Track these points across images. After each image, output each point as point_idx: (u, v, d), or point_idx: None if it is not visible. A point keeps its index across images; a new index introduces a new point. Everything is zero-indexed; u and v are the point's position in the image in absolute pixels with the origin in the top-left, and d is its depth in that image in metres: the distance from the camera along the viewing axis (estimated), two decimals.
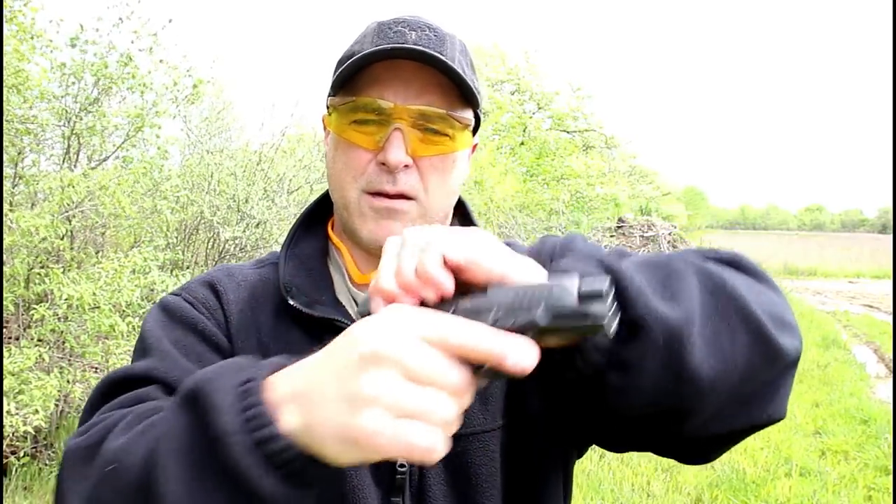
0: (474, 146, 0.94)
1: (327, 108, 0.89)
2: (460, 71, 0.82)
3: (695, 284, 0.62)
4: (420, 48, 0.80)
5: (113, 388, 0.77)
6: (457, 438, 0.58)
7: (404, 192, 0.84)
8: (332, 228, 0.95)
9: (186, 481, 0.54)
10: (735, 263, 0.70)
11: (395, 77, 0.82)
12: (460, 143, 0.86)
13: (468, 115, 0.87)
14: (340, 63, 0.87)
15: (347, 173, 0.85)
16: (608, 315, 0.50)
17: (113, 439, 0.62)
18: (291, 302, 0.85)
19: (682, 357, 0.58)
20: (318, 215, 0.98)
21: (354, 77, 0.83)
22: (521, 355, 0.49)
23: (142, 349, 0.84)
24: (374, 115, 0.82)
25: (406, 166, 0.83)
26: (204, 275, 0.93)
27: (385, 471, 0.80)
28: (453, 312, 0.54)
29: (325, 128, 0.93)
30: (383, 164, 0.82)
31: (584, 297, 0.50)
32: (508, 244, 0.84)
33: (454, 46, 0.86)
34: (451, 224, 0.97)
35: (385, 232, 0.82)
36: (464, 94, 0.85)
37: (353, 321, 0.76)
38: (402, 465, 0.80)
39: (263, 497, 0.52)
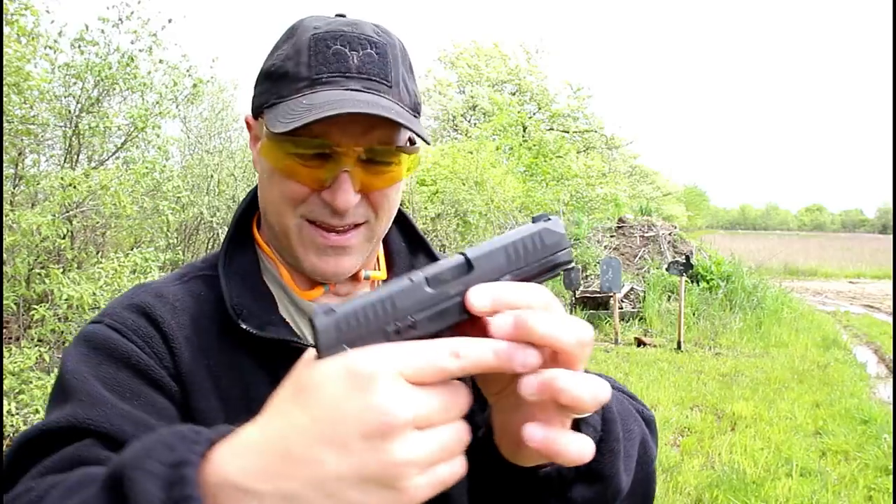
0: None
1: (254, 115, 0.86)
2: (405, 106, 0.80)
3: (636, 452, 0.73)
4: (366, 79, 0.78)
5: (28, 451, 0.67)
6: None
7: (354, 222, 0.82)
8: (261, 239, 0.91)
9: None
10: (650, 425, 0.82)
11: (339, 116, 0.76)
12: (406, 166, 0.84)
13: (409, 137, 0.84)
14: (272, 79, 0.81)
15: (286, 203, 0.81)
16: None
17: None
18: (244, 326, 0.80)
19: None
20: (244, 223, 0.92)
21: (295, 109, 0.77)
22: (523, 357, 0.49)
23: (62, 392, 0.73)
24: (317, 151, 0.78)
25: None
26: (125, 297, 0.84)
27: None
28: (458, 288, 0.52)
29: (249, 129, 0.88)
30: (327, 202, 0.79)
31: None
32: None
33: (396, 61, 0.82)
34: (389, 234, 0.96)
35: (330, 267, 0.82)
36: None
37: (302, 340, 0.82)
38: None
39: None
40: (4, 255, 4.15)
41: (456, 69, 21.79)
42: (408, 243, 0.99)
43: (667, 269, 10.07)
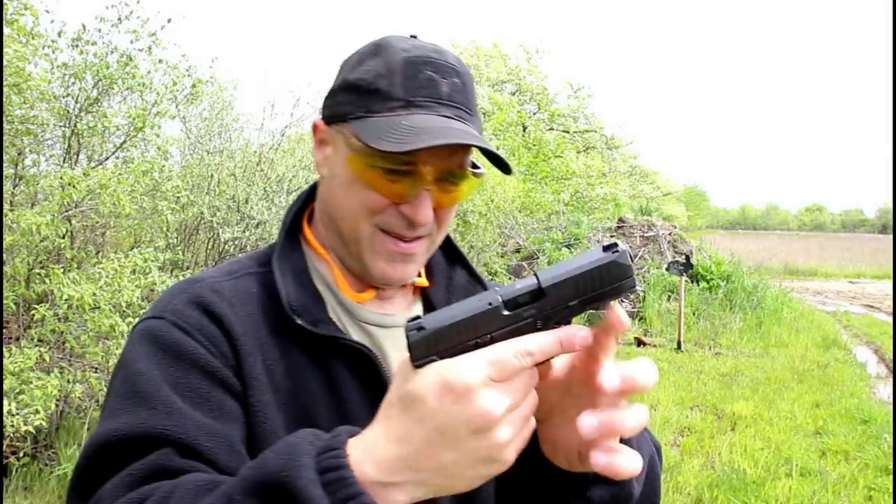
0: None
1: (327, 120, 0.89)
2: (485, 140, 0.85)
3: (646, 468, 0.87)
4: (456, 107, 0.84)
5: (108, 454, 0.70)
6: None
7: (422, 234, 0.87)
8: (313, 239, 0.94)
9: None
10: (658, 448, 1.00)
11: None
12: (469, 186, 0.90)
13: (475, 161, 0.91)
14: (361, 92, 0.84)
15: (363, 211, 0.84)
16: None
17: None
18: (299, 321, 0.83)
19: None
20: (295, 223, 0.96)
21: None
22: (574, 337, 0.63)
23: (133, 395, 0.74)
24: (403, 168, 0.82)
25: None
26: (180, 291, 0.85)
27: None
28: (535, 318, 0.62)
29: (315, 133, 0.91)
30: (406, 215, 0.84)
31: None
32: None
33: (473, 90, 0.88)
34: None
35: (397, 273, 0.87)
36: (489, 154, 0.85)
37: (348, 337, 0.86)
38: None
39: None
40: (4, 255, 4.15)
41: None
42: (446, 255, 1.05)
43: (667, 269, 10.06)
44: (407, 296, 0.97)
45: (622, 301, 10.74)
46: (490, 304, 0.61)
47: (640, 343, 9.30)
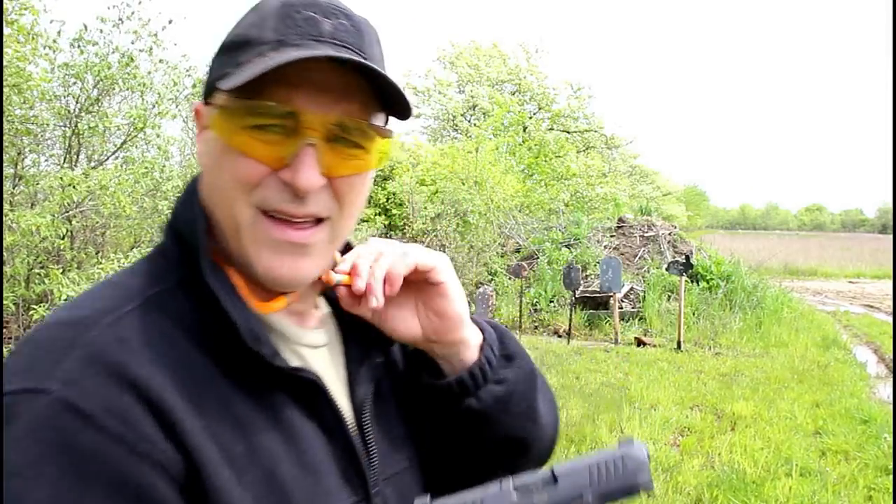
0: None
1: (206, 99, 0.71)
2: (387, 74, 0.69)
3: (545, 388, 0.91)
4: (339, 45, 0.67)
5: None
6: (375, 485, 0.73)
7: (316, 213, 0.69)
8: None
9: None
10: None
11: (308, 79, 0.66)
12: (377, 156, 0.73)
13: (382, 122, 0.74)
14: (232, 49, 0.69)
15: (238, 188, 0.67)
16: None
17: None
18: (265, 352, 0.65)
19: (531, 403, 0.84)
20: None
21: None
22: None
23: None
24: (278, 122, 0.66)
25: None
26: (72, 345, 0.58)
27: None
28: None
29: (198, 119, 0.74)
30: (287, 182, 0.66)
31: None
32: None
33: (371, 38, 0.72)
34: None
35: (286, 268, 0.68)
36: (387, 100, 0.71)
37: (309, 370, 0.70)
38: None
39: None
40: (4, 256, 4.15)
41: (456, 69, 21.80)
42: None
43: (667, 269, 10.07)
44: (322, 306, 0.81)
45: (622, 302, 10.75)
46: (500, 487, 0.63)
47: (639, 343, 9.30)
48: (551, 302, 11.32)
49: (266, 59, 0.65)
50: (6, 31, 4.23)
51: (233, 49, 0.69)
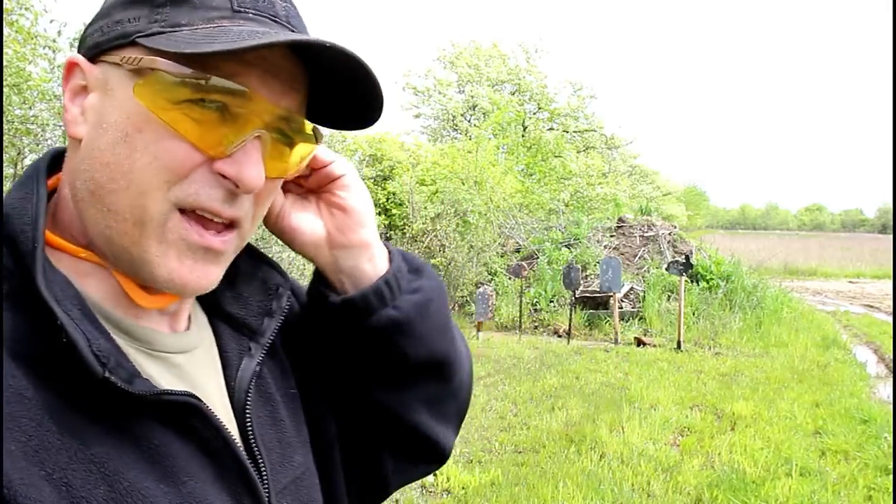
0: None
1: (97, 53, 0.59)
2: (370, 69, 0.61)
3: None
4: (295, 31, 0.62)
5: None
6: (282, 488, 0.66)
7: (239, 217, 0.60)
8: (59, 238, 0.59)
9: None
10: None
11: (263, 59, 0.58)
12: (297, 162, 0.65)
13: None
14: (160, 3, 0.57)
15: (158, 175, 0.55)
16: None
17: None
18: (114, 379, 0.52)
19: (447, 318, 0.81)
20: None
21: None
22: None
23: None
24: (224, 102, 0.57)
25: None
26: None
27: None
28: None
29: (72, 75, 0.60)
30: (226, 178, 0.57)
31: None
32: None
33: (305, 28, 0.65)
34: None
35: (197, 279, 0.59)
36: (324, 105, 0.66)
37: (177, 390, 0.57)
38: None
39: None
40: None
41: (455, 69, 21.80)
42: (253, 258, 0.75)
43: (667, 269, 10.07)
44: (186, 306, 0.67)
45: (622, 302, 10.75)
46: None
47: (639, 343, 9.30)
48: (551, 302, 11.32)
49: (224, 29, 0.56)
50: (6, 31, 4.23)
51: (159, 4, 0.57)
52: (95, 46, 0.58)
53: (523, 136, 20.49)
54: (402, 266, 0.77)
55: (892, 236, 43.30)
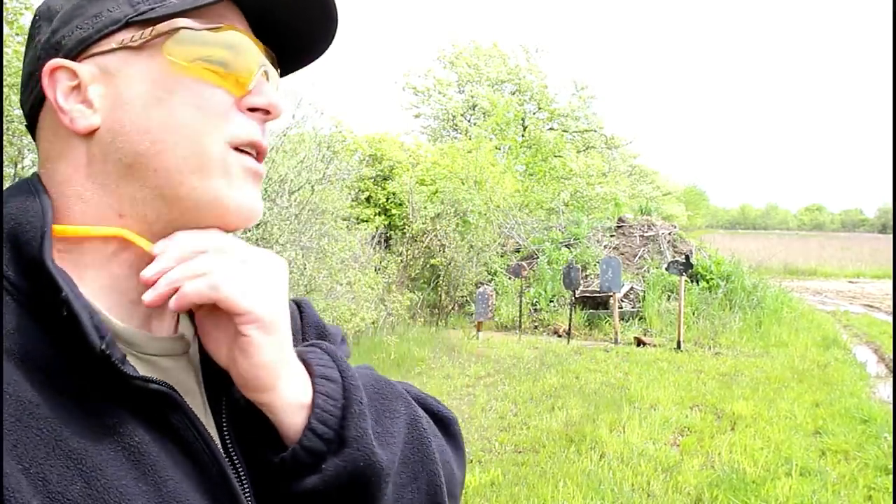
0: None
1: (88, 45, 0.60)
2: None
3: (403, 431, 0.70)
4: None
5: None
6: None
7: (265, 148, 0.67)
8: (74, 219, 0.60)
9: None
10: (444, 424, 0.80)
11: (232, 4, 0.65)
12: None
13: None
14: None
15: (207, 120, 0.60)
16: None
17: None
18: (114, 356, 0.53)
19: (375, 497, 0.65)
20: None
21: None
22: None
23: None
24: (236, 42, 0.62)
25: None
26: None
27: None
28: None
29: (57, 80, 0.59)
30: (259, 106, 0.64)
31: None
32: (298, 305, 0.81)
33: None
34: None
35: (258, 203, 0.65)
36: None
37: (157, 380, 0.57)
38: None
39: None
40: None
41: (455, 69, 21.79)
42: None
43: (666, 269, 10.07)
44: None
45: (622, 302, 10.75)
46: None
47: (639, 343, 9.30)
48: (551, 302, 11.32)
49: None
50: (6, 31, 4.23)
51: None
52: (81, 43, 0.60)
53: (523, 135, 20.49)
54: (315, 434, 0.62)
55: (892, 236, 43.31)
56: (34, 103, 0.63)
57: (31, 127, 0.65)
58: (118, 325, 0.59)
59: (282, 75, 0.72)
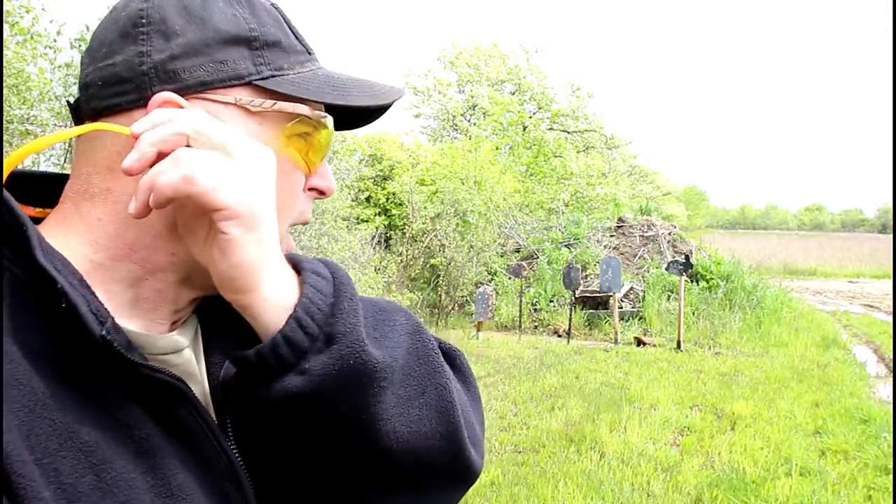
0: None
1: (181, 96, 0.57)
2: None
3: (405, 340, 0.64)
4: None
5: None
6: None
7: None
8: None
9: None
10: (451, 357, 0.73)
11: None
12: None
13: None
14: (250, 45, 0.60)
15: (287, 203, 0.63)
16: None
17: None
18: (117, 343, 0.52)
19: (371, 405, 0.58)
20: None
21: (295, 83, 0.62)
22: None
23: None
24: (321, 124, 0.64)
25: None
26: None
27: None
28: None
29: (162, 107, 0.57)
30: (319, 189, 0.68)
31: None
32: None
33: None
34: None
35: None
36: None
37: (167, 371, 0.56)
38: None
39: None
40: None
41: (455, 69, 21.80)
42: None
43: (666, 269, 10.07)
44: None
45: (622, 302, 10.75)
46: None
47: (639, 343, 9.31)
48: (551, 302, 11.32)
49: (322, 73, 0.65)
50: (6, 31, 4.23)
51: (255, 47, 0.60)
52: (201, 85, 0.58)
53: (523, 136, 20.49)
54: (299, 329, 0.56)
55: (891, 236, 43.32)
56: (106, 108, 0.58)
57: (78, 114, 0.61)
58: (130, 329, 0.57)
59: None
